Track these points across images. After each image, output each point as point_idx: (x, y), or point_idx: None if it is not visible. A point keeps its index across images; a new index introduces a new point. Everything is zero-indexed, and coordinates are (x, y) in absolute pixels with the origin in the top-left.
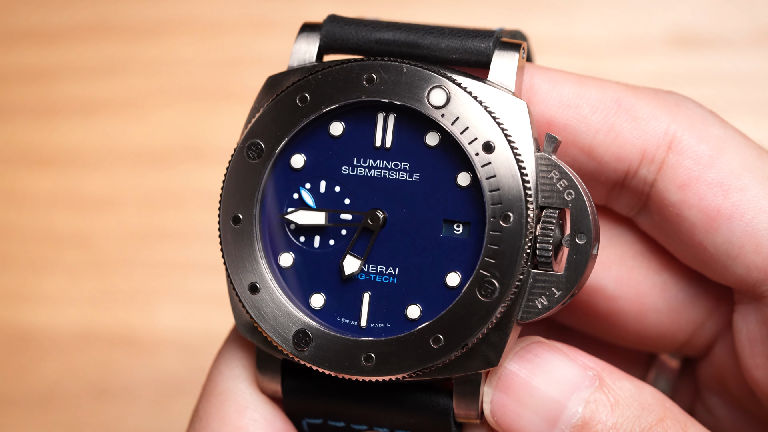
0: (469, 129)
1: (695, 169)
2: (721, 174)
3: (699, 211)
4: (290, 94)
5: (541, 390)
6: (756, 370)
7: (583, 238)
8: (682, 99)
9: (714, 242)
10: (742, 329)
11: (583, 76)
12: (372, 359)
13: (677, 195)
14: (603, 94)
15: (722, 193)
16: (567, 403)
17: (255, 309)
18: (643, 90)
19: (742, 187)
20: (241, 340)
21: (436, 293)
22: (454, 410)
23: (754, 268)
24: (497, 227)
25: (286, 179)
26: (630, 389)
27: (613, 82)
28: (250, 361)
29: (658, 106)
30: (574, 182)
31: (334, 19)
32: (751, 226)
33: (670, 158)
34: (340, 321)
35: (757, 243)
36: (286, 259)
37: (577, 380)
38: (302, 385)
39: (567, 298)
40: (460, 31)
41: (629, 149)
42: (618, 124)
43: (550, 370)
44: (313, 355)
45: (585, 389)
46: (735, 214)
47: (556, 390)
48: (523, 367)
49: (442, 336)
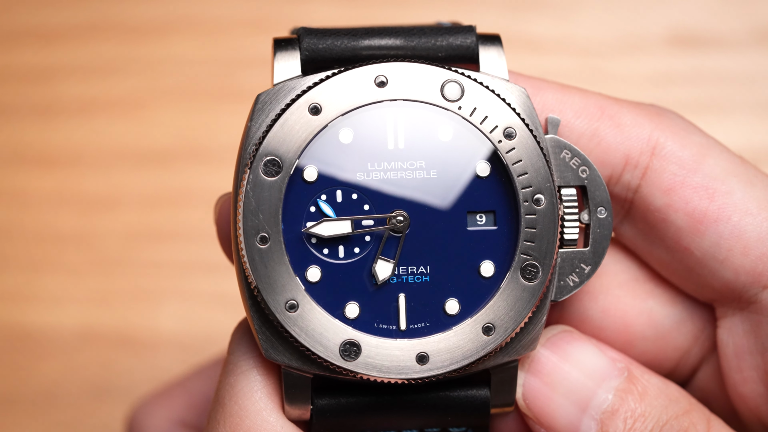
0: (488, 118)
1: (680, 173)
2: (705, 178)
3: (685, 215)
4: (300, 106)
5: (572, 375)
6: (743, 385)
7: (603, 212)
8: (663, 110)
9: (701, 246)
10: (728, 343)
11: (565, 85)
12: (426, 358)
13: (663, 199)
14: (586, 101)
15: (708, 197)
16: (597, 390)
17: (296, 327)
18: (625, 101)
19: (727, 190)
20: (259, 367)
21: (471, 285)
22: (492, 401)
23: (742, 271)
24: (531, 210)
25: (301, 193)
26: (657, 383)
27: (596, 93)
28: (273, 388)
29: (641, 114)
30: (586, 159)
31: (310, 32)
32: (738, 229)
33: (654, 163)
34: (379, 327)
35: (744, 245)
36: (313, 274)
37: (607, 370)
38: (335, 402)
39: (595, 273)
40: (440, 30)
41: (613, 154)
42: (601, 129)
43: (581, 358)
44: (364, 364)
45: (614, 378)
46: (721, 217)
47: (587, 377)
48: (555, 353)
49: (493, 324)
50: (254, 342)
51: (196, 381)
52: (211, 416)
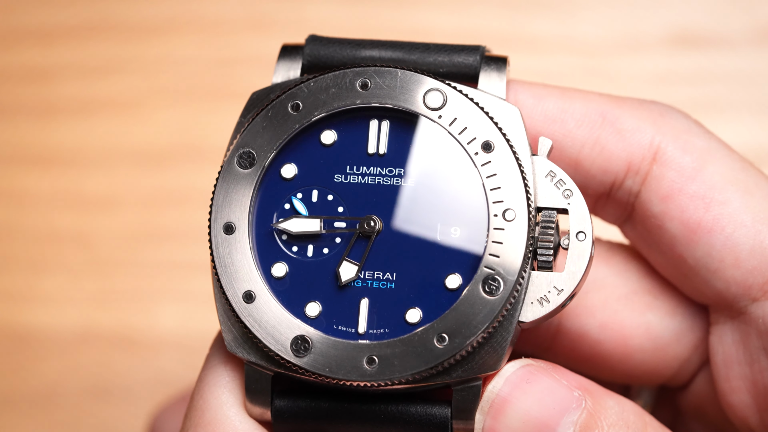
0: (467, 129)
1: (678, 181)
2: (703, 187)
3: (680, 223)
4: (282, 102)
5: (531, 415)
6: (732, 395)
7: (583, 237)
8: (666, 109)
9: (694, 255)
10: (717, 351)
11: (566, 89)
12: (374, 361)
13: (659, 207)
14: (587, 108)
15: (704, 206)
16: (557, 428)
17: (250, 318)
18: (628, 101)
19: (723, 200)
20: (226, 362)
21: (436, 296)
22: (452, 422)
23: (733, 282)
24: (500, 225)
25: (277, 189)
26: (614, 407)
27: (597, 94)
28: (238, 384)
29: (643, 118)
30: (570, 183)
31: (316, 39)
32: (731, 240)
33: (655, 170)
34: (337, 329)
35: (736, 257)
36: (278, 269)
37: (565, 402)
38: (293, 405)
39: (568, 299)
40: (445, 47)
41: (615, 162)
42: (603, 137)
43: (540, 394)
44: (312, 361)
45: (573, 412)
46: (715, 228)
47: (546, 414)
48: (513, 392)
49: (447, 335)
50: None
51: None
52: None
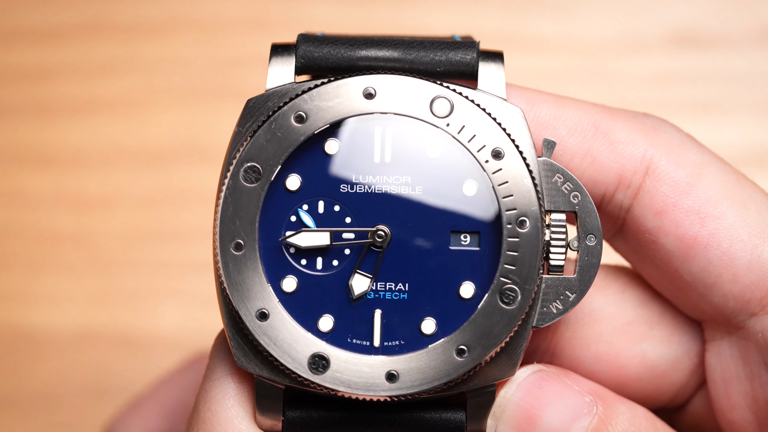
0: (476, 137)
1: (672, 195)
2: (698, 201)
3: (675, 239)
4: (285, 114)
5: (544, 422)
6: (731, 412)
7: (593, 240)
8: (659, 123)
9: (690, 270)
10: (716, 368)
11: (560, 97)
12: (395, 377)
13: (654, 222)
14: (580, 117)
15: (699, 221)
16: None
17: (265, 336)
18: (621, 112)
19: (719, 215)
20: (232, 374)
21: (450, 306)
22: (467, 426)
23: (731, 297)
24: (514, 233)
25: (282, 202)
26: (625, 413)
27: (591, 104)
28: (246, 396)
29: (636, 130)
30: (579, 184)
31: (308, 38)
32: (727, 255)
33: (647, 184)
34: (352, 342)
35: (733, 272)
36: (289, 284)
37: (577, 408)
38: (306, 415)
39: (580, 301)
40: (441, 43)
41: (606, 174)
42: (595, 147)
43: (551, 401)
44: (331, 378)
45: (584, 417)
46: (712, 243)
47: (558, 421)
48: (525, 399)
49: (466, 347)
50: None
51: (166, 389)
52: (188, 422)
